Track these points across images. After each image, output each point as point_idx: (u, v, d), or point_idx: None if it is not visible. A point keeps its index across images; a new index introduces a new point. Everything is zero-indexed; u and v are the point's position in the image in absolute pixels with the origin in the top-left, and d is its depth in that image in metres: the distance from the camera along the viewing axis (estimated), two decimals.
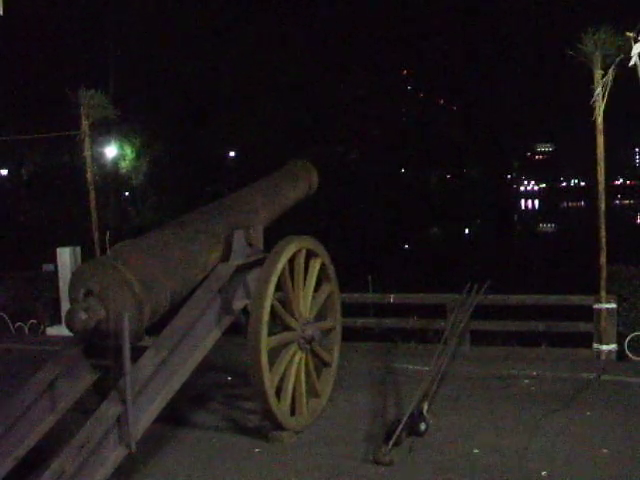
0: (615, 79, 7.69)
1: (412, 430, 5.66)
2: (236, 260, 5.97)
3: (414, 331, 9.68)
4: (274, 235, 6.38)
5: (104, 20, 35.68)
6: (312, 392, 6.29)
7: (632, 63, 6.85)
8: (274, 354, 5.82)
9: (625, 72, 7.41)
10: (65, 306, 9.57)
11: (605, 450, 5.37)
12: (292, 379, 5.94)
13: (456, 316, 7.45)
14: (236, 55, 41.65)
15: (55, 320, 11.05)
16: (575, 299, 8.74)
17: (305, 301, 6.17)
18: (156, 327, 5.45)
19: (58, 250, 10.78)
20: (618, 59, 7.53)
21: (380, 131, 57.86)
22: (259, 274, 5.81)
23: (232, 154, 45.62)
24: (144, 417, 5.00)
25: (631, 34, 7.27)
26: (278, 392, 5.80)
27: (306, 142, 41.74)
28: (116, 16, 35.45)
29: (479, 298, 7.64)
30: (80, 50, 33.85)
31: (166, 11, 37.32)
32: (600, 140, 8.08)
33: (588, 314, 8.42)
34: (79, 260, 10.56)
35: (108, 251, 5.49)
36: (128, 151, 37.16)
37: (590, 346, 8.36)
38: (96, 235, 10.34)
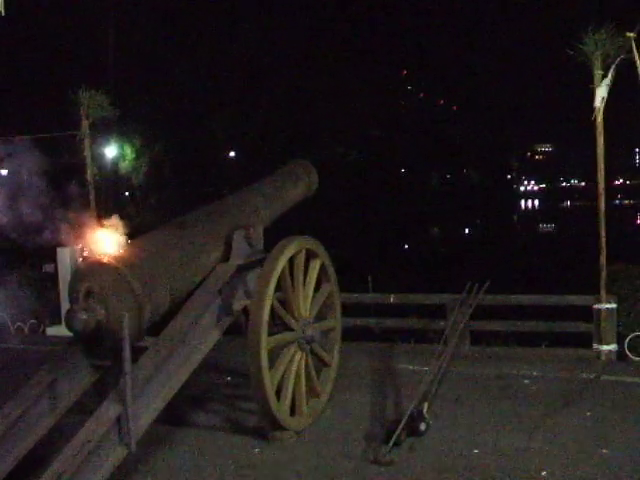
0: (615, 79, 7.68)
1: (412, 430, 5.66)
2: (236, 260, 5.97)
3: (414, 331, 9.68)
4: (274, 235, 6.38)
5: (104, 20, 35.69)
6: (312, 392, 6.29)
7: None
8: (274, 354, 5.82)
9: (626, 72, 7.40)
10: (65, 306, 9.55)
11: (605, 450, 5.37)
12: (292, 379, 5.94)
13: (456, 316, 7.46)
14: (236, 55, 41.64)
15: (55, 320, 11.03)
16: (575, 299, 8.73)
17: (305, 301, 6.17)
18: (156, 327, 5.45)
19: (58, 250, 10.77)
20: (618, 59, 7.52)
21: (380, 131, 57.84)
22: (259, 274, 5.81)
23: (232, 154, 45.58)
24: (144, 417, 5.00)
25: (631, 34, 7.27)
26: (278, 392, 5.80)
27: (306, 142, 41.71)
28: (116, 16, 35.47)
29: (479, 298, 7.65)
30: (80, 50, 33.84)
31: (166, 11, 37.35)
32: (600, 140, 8.07)
33: (588, 314, 8.42)
34: (79, 260, 10.55)
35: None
36: (128, 151, 37.10)
37: (590, 346, 8.35)
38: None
